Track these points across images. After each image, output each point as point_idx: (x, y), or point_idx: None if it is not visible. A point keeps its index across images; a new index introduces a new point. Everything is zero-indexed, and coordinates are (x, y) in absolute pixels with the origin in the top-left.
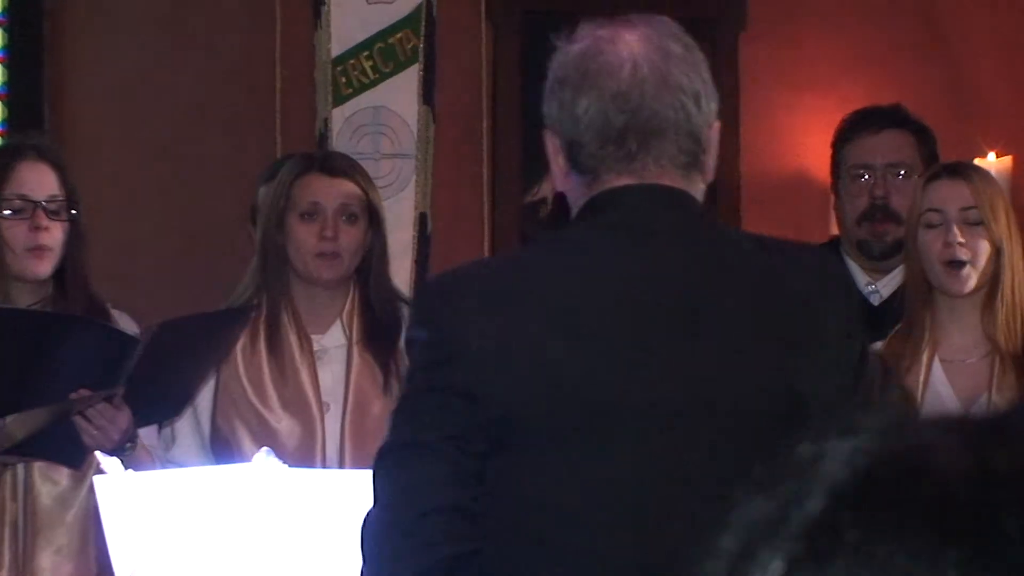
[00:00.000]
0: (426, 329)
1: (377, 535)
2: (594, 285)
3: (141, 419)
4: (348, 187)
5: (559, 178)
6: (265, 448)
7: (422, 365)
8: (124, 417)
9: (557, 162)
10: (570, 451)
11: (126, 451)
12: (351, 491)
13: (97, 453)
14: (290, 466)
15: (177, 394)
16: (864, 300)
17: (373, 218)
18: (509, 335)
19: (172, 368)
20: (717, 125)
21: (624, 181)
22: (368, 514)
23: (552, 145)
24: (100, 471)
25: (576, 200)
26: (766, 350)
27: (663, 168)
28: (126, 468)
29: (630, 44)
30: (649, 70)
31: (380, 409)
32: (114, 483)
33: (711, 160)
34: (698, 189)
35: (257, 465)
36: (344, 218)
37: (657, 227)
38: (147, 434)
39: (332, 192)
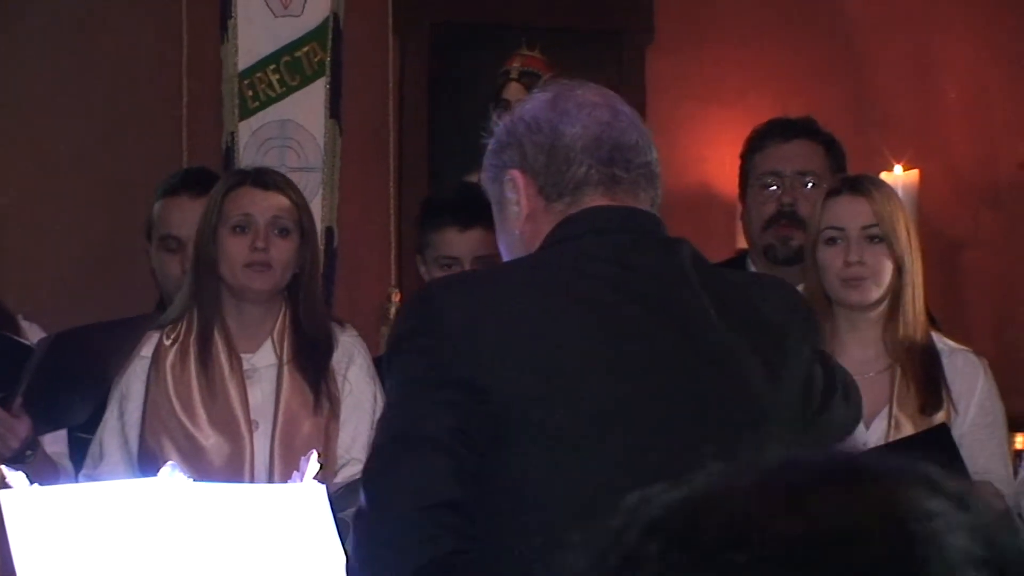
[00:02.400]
0: (429, 326)
1: (375, 532)
2: (592, 289)
3: (41, 426)
4: (280, 201)
5: (522, 216)
6: (170, 462)
7: (422, 362)
8: (23, 426)
9: (526, 198)
10: (568, 449)
11: (27, 459)
12: (259, 505)
13: (2, 467)
14: (216, 482)
15: (78, 402)
16: None
17: (305, 234)
18: (513, 333)
19: (70, 377)
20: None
21: (605, 202)
22: (360, 511)
23: (519, 183)
24: (6, 485)
25: (537, 235)
26: (751, 364)
27: (639, 200)
28: (29, 477)
29: (593, 89)
30: (621, 109)
31: (310, 428)
32: (20, 497)
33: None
34: None
35: (162, 480)
36: (276, 231)
37: (643, 242)
38: (51, 441)
39: (263, 205)
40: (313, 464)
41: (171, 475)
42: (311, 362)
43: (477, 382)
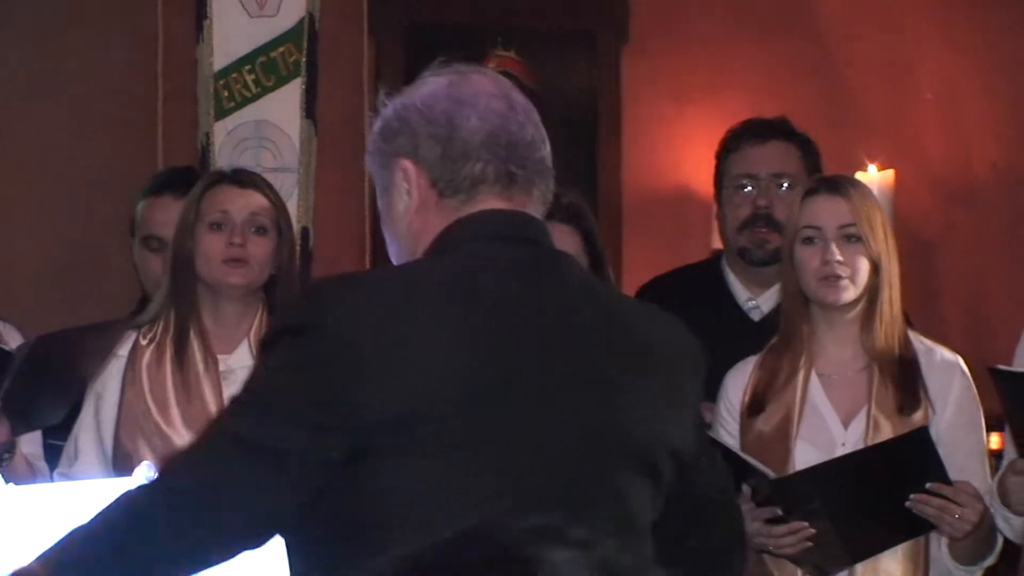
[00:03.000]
0: (305, 326)
1: (162, 525)
2: (469, 300)
3: (18, 427)
4: (258, 199)
5: (412, 208)
6: (146, 462)
7: (299, 358)
8: (3, 429)
9: (417, 189)
10: (438, 467)
11: (3, 461)
12: None
13: None
14: None
15: (55, 404)
16: (744, 315)
17: (282, 234)
18: (390, 342)
19: (49, 380)
20: None
21: (501, 204)
22: (163, 479)
23: (411, 174)
24: None
25: (425, 231)
26: (629, 390)
27: (532, 198)
28: (6, 480)
29: (487, 78)
30: (516, 100)
31: None
32: None
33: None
34: None
35: (138, 478)
36: (253, 229)
37: (530, 254)
38: (26, 442)
39: (241, 203)
40: (140, 471)
41: (147, 474)
42: None
43: (349, 389)
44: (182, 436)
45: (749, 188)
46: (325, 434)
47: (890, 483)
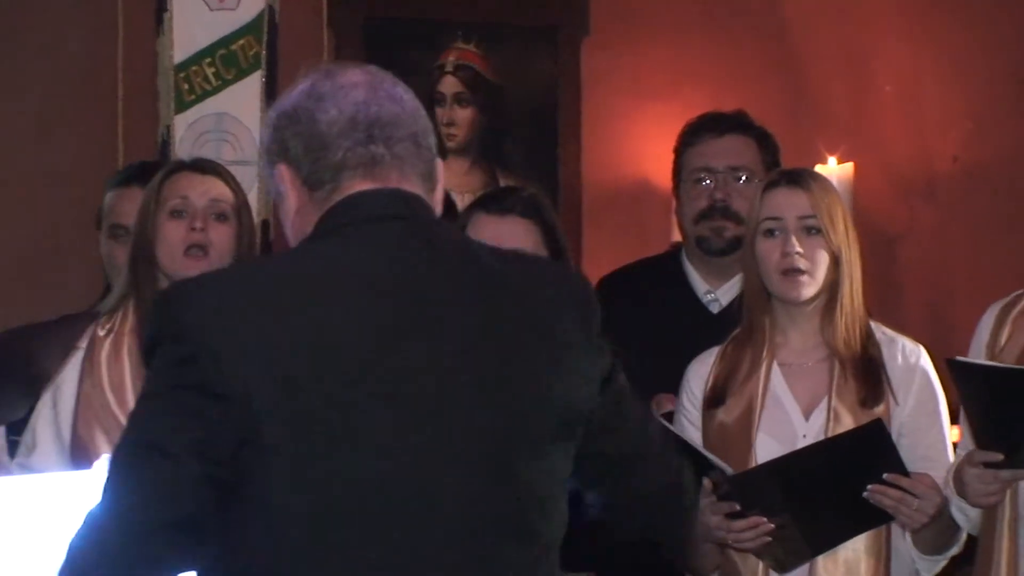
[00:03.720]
0: (170, 330)
1: (99, 542)
2: (338, 285)
3: None
4: (218, 186)
5: (292, 210)
6: (106, 454)
7: (166, 366)
8: None
9: (293, 190)
10: (318, 454)
11: None
12: None
13: None
14: None
15: (16, 399)
16: (704, 308)
17: (242, 223)
18: (253, 335)
19: (11, 376)
20: (441, 164)
21: (367, 185)
22: (92, 513)
23: (285, 176)
24: None
25: (309, 225)
26: (505, 356)
27: (405, 175)
28: None
29: (354, 71)
30: (380, 87)
31: None
32: None
33: (439, 194)
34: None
35: (100, 471)
36: (213, 216)
37: (398, 228)
38: None
39: (201, 189)
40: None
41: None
42: None
43: (222, 386)
44: None
45: (707, 181)
46: (215, 427)
47: (848, 475)
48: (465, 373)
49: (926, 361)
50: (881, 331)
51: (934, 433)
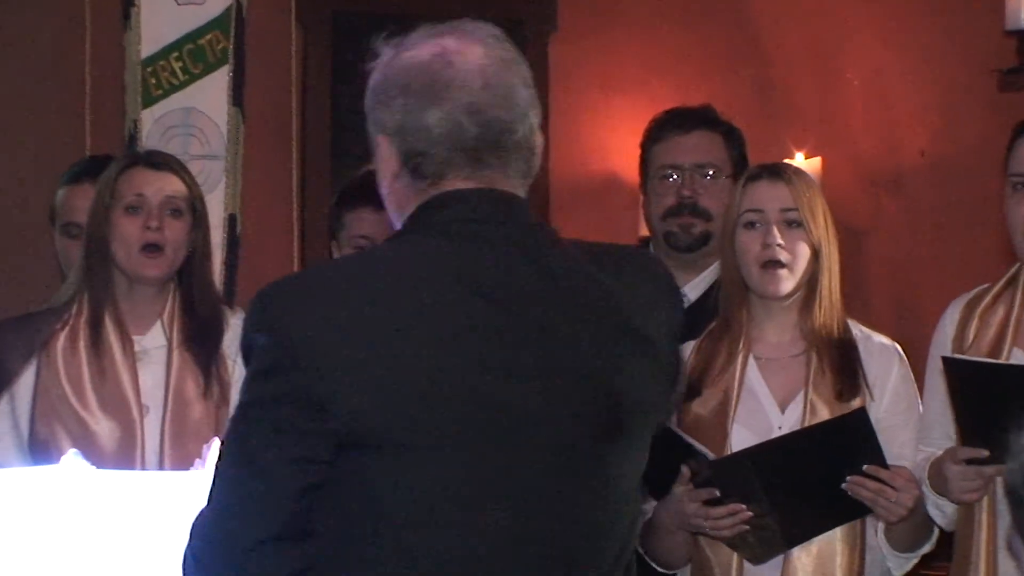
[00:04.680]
0: (268, 334)
1: (210, 563)
2: (439, 289)
3: None
4: (173, 182)
5: (386, 182)
6: (73, 450)
7: (263, 371)
8: None
9: (391, 163)
10: (423, 458)
11: None
12: (160, 493)
13: None
14: (106, 468)
15: None
16: None
17: (197, 217)
18: (356, 339)
19: None
20: (539, 151)
21: (470, 184)
22: (203, 516)
23: (384, 148)
24: None
25: (404, 205)
26: (600, 359)
27: (508, 178)
28: None
29: (476, 55)
30: (497, 83)
31: (200, 412)
32: None
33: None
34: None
35: (65, 467)
36: (168, 212)
37: (498, 231)
38: None
39: (157, 185)
40: (215, 451)
41: (73, 462)
42: (201, 345)
43: (322, 393)
44: (99, 420)
45: (673, 177)
46: (313, 435)
47: (828, 465)
48: (558, 377)
49: (902, 358)
50: (857, 328)
51: (908, 432)
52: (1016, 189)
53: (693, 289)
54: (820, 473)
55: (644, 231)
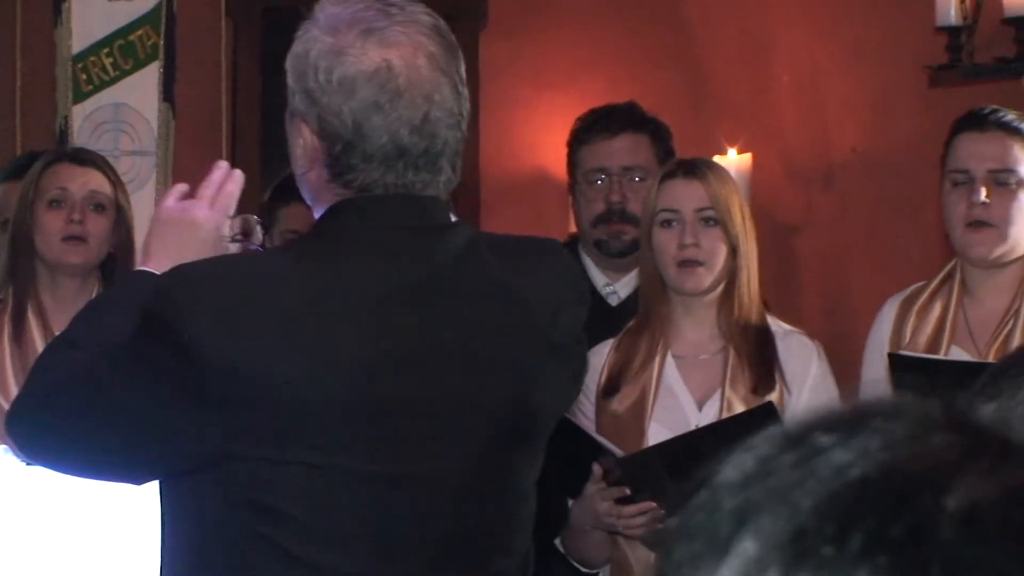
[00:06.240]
0: (168, 313)
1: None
2: (339, 293)
3: None
4: (97, 177)
5: (303, 165)
6: (2, 446)
7: (155, 343)
8: None
9: (309, 155)
10: (308, 459)
11: None
12: (90, 489)
13: None
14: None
15: None
16: (602, 300)
17: (121, 214)
18: (246, 339)
19: None
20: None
21: (388, 189)
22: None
23: (308, 139)
24: None
25: (319, 196)
26: (503, 359)
27: (434, 184)
28: None
29: (422, 65)
30: (440, 98)
31: None
32: None
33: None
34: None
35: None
36: (92, 207)
37: (413, 239)
38: None
39: (80, 180)
40: None
41: (2, 457)
42: None
43: (207, 384)
44: None
45: (601, 180)
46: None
47: None
48: (467, 382)
49: (821, 355)
50: (776, 325)
51: None
52: (954, 185)
53: (624, 287)
54: None
55: (574, 228)
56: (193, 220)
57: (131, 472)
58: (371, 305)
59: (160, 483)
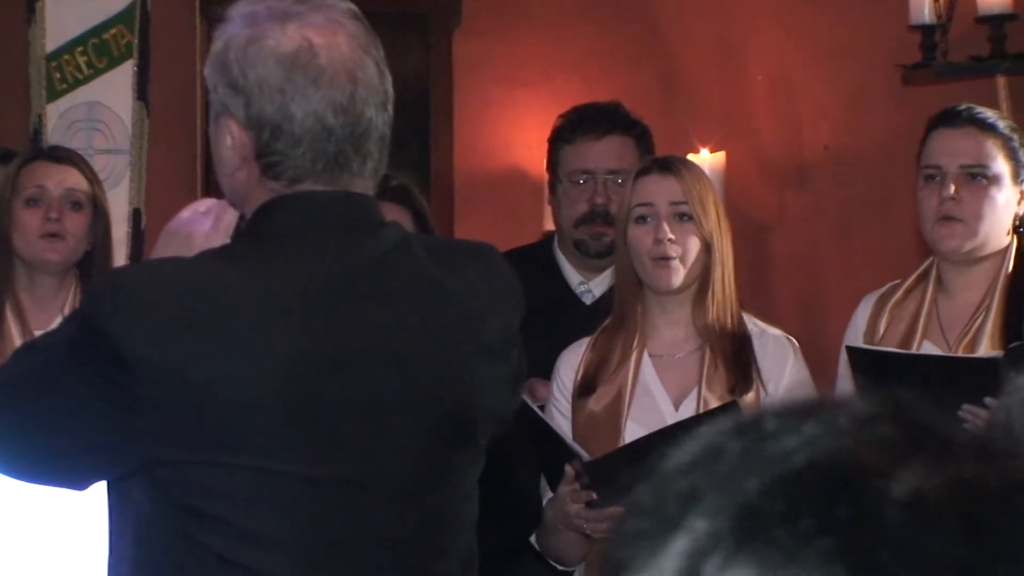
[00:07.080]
0: (99, 317)
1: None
2: (269, 294)
3: None
4: (74, 175)
5: (230, 165)
6: None
7: (84, 346)
8: None
9: (237, 152)
10: (239, 463)
11: None
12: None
13: None
14: None
15: None
16: (576, 299)
17: (98, 212)
18: (176, 342)
19: None
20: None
21: (318, 187)
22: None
23: (237, 136)
24: None
25: (248, 197)
26: (435, 358)
27: (363, 178)
28: None
29: (343, 44)
30: (363, 76)
31: None
32: None
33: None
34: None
35: None
36: (69, 205)
37: (345, 238)
38: None
39: (57, 178)
40: None
41: None
42: None
43: (136, 394)
44: None
45: (583, 182)
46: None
47: None
48: (404, 387)
49: (797, 354)
50: (752, 322)
51: None
52: (928, 180)
53: (598, 285)
54: None
55: (549, 225)
56: (190, 235)
57: (67, 477)
58: (301, 305)
59: (107, 488)
